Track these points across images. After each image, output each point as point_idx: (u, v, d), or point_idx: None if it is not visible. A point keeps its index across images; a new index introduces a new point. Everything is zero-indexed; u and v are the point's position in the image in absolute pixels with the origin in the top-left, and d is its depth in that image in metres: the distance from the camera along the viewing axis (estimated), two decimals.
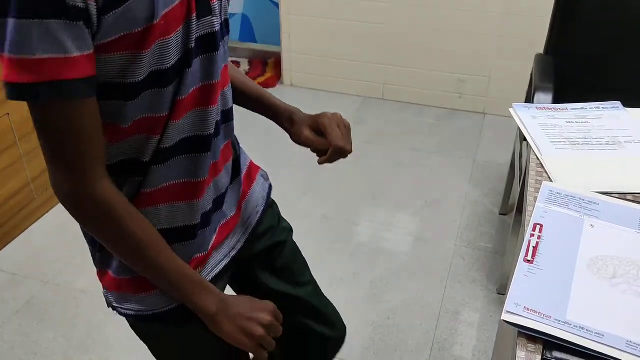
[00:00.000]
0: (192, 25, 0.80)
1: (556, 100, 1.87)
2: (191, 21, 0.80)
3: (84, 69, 0.71)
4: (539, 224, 1.01)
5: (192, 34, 0.80)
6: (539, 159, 1.21)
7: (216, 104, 0.89)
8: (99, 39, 0.72)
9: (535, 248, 0.96)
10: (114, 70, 0.75)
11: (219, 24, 0.86)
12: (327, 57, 3.39)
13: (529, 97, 2.09)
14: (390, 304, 2.04)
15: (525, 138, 1.31)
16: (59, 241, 2.33)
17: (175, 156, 0.87)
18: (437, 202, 2.54)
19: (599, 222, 1.02)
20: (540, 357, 0.79)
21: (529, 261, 0.93)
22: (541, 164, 1.20)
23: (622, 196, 1.09)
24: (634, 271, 0.92)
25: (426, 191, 2.61)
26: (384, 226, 2.40)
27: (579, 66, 2.09)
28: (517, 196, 1.98)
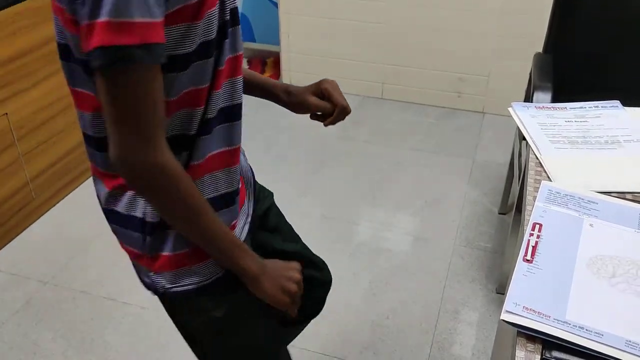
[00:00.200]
0: None
1: (555, 99, 1.86)
2: None
3: (162, 35, 0.76)
4: (538, 224, 1.01)
5: (227, 6, 0.87)
6: (538, 158, 1.21)
7: (242, 74, 0.95)
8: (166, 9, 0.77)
9: (534, 247, 0.95)
10: (170, 43, 0.79)
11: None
12: (326, 57, 3.39)
13: (528, 96, 2.09)
14: (390, 303, 2.04)
15: (524, 137, 1.31)
16: (58, 241, 2.33)
17: (216, 126, 0.92)
18: (436, 202, 2.54)
19: (598, 221, 1.02)
20: (539, 356, 0.79)
21: (528, 260, 0.93)
22: (540, 163, 1.20)
23: (621, 195, 1.09)
24: (633, 270, 0.91)
25: (426, 191, 2.61)
26: (383, 226, 2.40)
27: (578, 65, 2.08)
28: (516, 195, 1.97)
